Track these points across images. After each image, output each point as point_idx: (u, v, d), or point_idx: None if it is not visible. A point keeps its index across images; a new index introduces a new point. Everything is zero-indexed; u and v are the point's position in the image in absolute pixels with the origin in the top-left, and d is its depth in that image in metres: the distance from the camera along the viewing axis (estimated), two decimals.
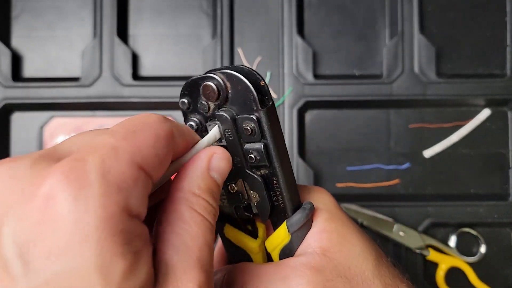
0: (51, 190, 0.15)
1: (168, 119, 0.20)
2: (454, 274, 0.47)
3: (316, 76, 0.47)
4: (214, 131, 0.23)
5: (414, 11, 0.47)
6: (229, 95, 0.22)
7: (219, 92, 0.22)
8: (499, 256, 0.47)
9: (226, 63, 0.47)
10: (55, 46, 0.49)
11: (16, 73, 0.49)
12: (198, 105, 0.23)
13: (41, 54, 0.49)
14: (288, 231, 0.25)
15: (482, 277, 0.46)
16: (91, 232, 0.15)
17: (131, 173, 0.16)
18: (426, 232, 0.46)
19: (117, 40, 0.47)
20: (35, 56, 0.49)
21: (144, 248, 0.16)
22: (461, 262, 0.46)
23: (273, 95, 0.47)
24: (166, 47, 0.49)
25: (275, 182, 0.24)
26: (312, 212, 0.25)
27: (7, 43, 0.48)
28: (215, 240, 0.28)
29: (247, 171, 0.24)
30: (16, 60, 0.49)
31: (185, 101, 0.24)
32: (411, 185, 0.48)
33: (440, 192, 0.48)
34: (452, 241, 0.46)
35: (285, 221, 0.25)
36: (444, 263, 0.46)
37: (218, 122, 0.23)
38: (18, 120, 0.49)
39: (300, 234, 0.25)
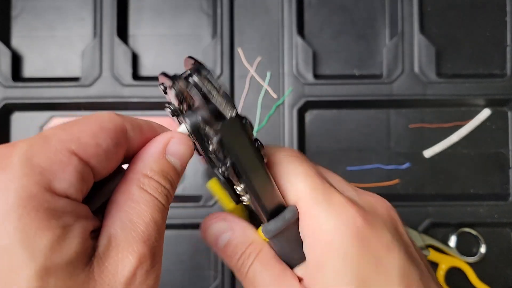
0: None
1: (122, 115, 0.21)
2: (454, 274, 0.47)
3: (316, 76, 0.47)
4: (181, 129, 0.22)
5: (414, 11, 0.47)
6: (191, 103, 0.21)
7: (180, 100, 0.21)
8: (499, 256, 0.47)
9: (226, 63, 0.47)
10: (55, 46, 0.49)
11: (16, 73, 0.49)
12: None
13: (41, 54, 0.49)
14: (265, 236, 0.23)
15: (482, 277, 0.46)
16: (13, 209, 0.16)
17: (59, 158, 0.18)
18: (426, 232, 0.46)
19: (117, 40, 0.47)
20: (35, 56, 0.49)
21: (77, 223, 0.17)
22: (461, 262, 0.46)
23: (273, 95, 0.47)
24: (166, 47, 0.49)
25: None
26: (289, 223, 0.23)
27: (7, 43, 0.48)
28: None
29: (215, 171, 0.23)
30: (16, 60, 0.49)
31: (162, 87, 0.23)
32: (411, 185, 0.48)
33: (440, 192, 0.48)
34: (452, 241, 0.46)
35: (261, 226, 0.24)
36: (444, 263, 0.46)
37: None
38: (18, 120, 0.49)
39: (278, 241, 0.24)
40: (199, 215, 0.46)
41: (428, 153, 0.48)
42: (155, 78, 0.48)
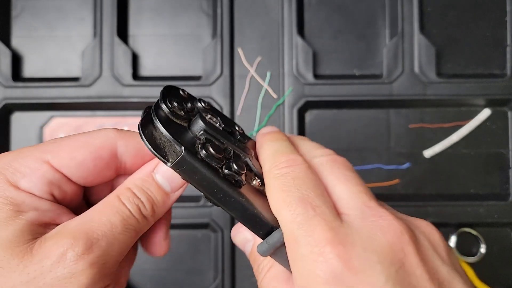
0: None
1: (122, 133, 0.24)
2: None
3: (316, 76, 0.47)
4: None
5: (414, 11, 0.47)
6: None
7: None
8: (499, 256, 0.47)
9: (227, 63, 0.47)
10: (55, 46, 0.49)
11: (16, 73, 0.49)
12: None
13: (41, 54, 0.49)
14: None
15: (482, 277, 0.46)
16: None
17: (32, 164, 0.23)
18: None
19: (117, 40, 0.47)
20: (35, 56, 0.49)
21: (32, 212, 0.22)
22: (461, 262, 0.46)
23: (273, 95, 0.47)
24: (166, 47, 0.49)
25: None
26: (274, 247, 0.22)
27: (7, 43, 0.48)
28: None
29: None
30: (16, 60, 0.49)
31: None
32: (411, 185, 0.48)
33: (440, 192, 0.48)
34: (452, 241, 0.46)
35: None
36: None
37: None
38: (18, 120, 0.49)
39: (277, 260, 0.23)
40: (199, 215, 0.46)
41: (428, 153, 0.48)
42: (155, 78, 0.48)
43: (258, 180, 0.24)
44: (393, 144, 0.49)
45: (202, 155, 0.22)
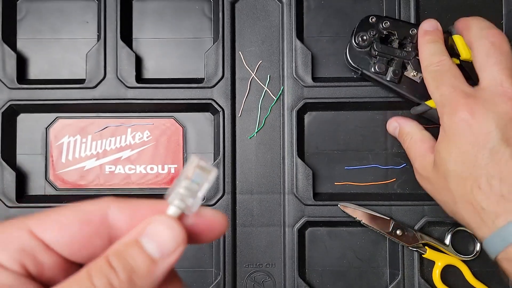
0: None
1: (121, 199, 0.21)
2: (450, 272, 0.48)
3: (314, 78, 0.48)
4: (170, 212, 0.21)
5: (411, 14, 0.48)
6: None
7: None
8: None
9: (228, 66, 0.48)
10: (60, 48, 0.50)
11: (21, 75, 0.49)
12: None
13: (46, 57, 0.50)
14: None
15: (477, 275, 0.47)
16: None
17: (13, 233, 0.19)
18: (422, 230, 0.47)
19: (120, 43, 0.48)
20: (40, 59, 0.50)
21: None
22: (457, 260, 0.47)
23: (273, 97, 0.48)
24: (169, 50, 0.50)
25: None
26: (420, 112, 0.44)
27: (13, 46, 0.49)
28: None
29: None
30: (21, 62, 0.49)
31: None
32: (407, 184, 0.49)
33: None
34: (448, 239, 0.47)
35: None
36: (440, 261, 0.47)
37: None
38: (24, 121, 0.50)
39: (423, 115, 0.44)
40: None
41: None
42: (158, 81, 0.49)
43: (415, 72, 0.43)
44: (390, 145, 0.49)
45: (373, 70, 0.43)
